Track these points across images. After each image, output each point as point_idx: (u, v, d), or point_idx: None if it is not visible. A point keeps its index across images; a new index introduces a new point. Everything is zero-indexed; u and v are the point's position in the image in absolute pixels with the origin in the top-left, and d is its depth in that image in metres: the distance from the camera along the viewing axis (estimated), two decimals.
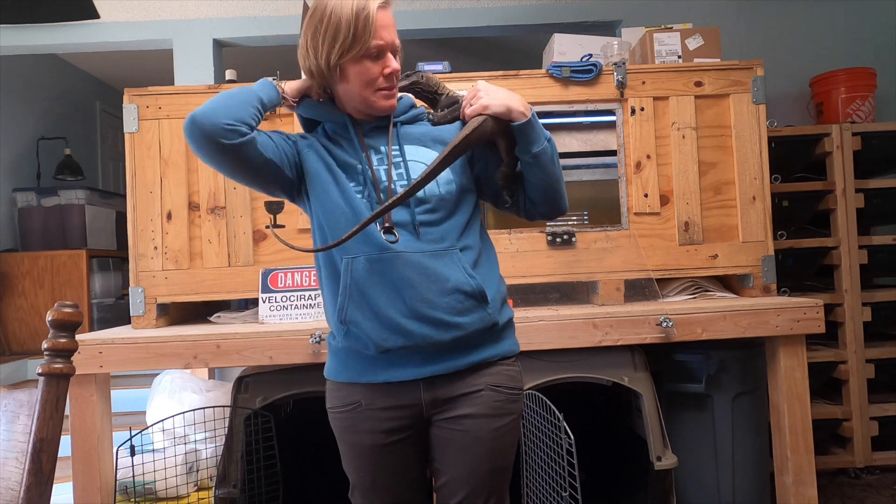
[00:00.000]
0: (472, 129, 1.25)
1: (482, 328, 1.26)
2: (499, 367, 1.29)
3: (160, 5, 3.56)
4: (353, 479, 1.32)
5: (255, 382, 1.99)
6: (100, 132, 5.72)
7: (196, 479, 2.31)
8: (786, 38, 3.48)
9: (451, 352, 1.25)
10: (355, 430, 1.28)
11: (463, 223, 1.29)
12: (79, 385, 1.90)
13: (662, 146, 2.23)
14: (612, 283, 2.18)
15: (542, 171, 1.30)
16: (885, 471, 2.86)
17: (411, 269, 1.22)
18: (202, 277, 2.17)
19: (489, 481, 1.28)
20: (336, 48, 1.22)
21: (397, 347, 1.22)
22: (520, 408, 1.33)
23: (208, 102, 1.20)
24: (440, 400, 1.27)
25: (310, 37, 1.25)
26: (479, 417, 1.26)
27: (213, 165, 1.24)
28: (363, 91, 1.26)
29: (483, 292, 1.25)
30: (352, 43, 1.21)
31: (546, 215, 1.39)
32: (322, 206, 1.28)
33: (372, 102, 1.28)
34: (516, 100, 1.27)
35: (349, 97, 1.29)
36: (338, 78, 1.26)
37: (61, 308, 1.07)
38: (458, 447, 1.27)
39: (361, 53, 1.22)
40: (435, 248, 1.24)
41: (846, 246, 2.85)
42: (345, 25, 1.20)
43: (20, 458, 1.07)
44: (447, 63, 2.29)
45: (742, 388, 2.14)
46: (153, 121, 2.19)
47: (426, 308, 1.21)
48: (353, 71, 1.24)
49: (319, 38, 1.23)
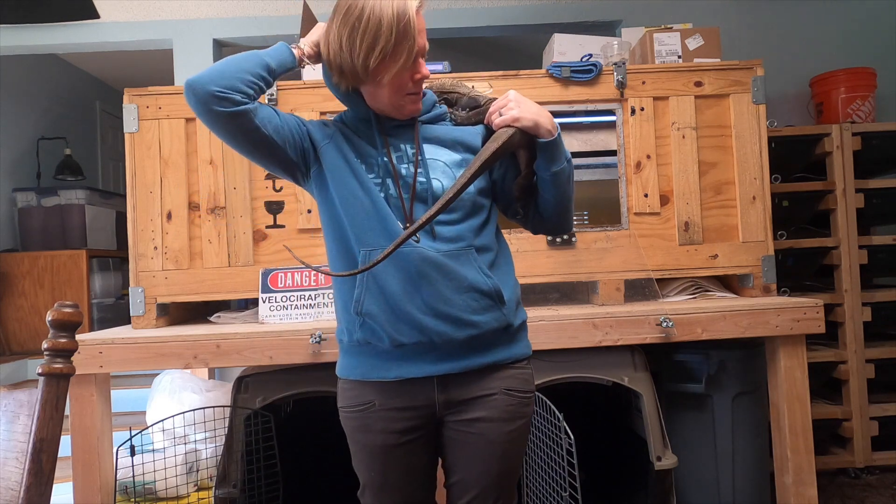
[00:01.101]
0: (502, 142, 1.25)
1: (497, 328, 1.26)
2: (512, 371, 1.30)
3: (160, 5, 3.56)
4: (363, 479, 1.32)
5: (255, 382, 1.99)
6: (100, 132, 5.72)
7: (196, 479, 2.31)
8: (786, 38, 3.48)
9: (465, 351, 1.25)
10: (368, 430, 1.28)
11: (480, 224, 1.29)
12: (79, 385, 1.90)
13: (662, 146, 2.23)
14: (612, 283, 2.18)
15: (557, 189, 1.31)
16: (885, 471, 2.86)
17: (429, 265, 1.22)
18: (202, 277, 2.17)
19: (499, 483, 1.29)
20: (376, 51, 1.17)
21: (412, 343, 1.22)
22: (531, 411, 1.34)
23: (209, 67, 1.20)
24: (454, 401, 1.27)
25: (345, 36, 1.19)
26: (493, 421, 1.26)
27: (213, 132, 1.23)
28: (393, 96, 1.24)
29: (499, 292, 1.26)
30: (394, 48, 1.17)
31: (551, 232, 1.41)
32: (340, 196, 1.26)
33: (401, 107, 1.27)
34: (545, 116, 1.27)
35: (376, 98, 1.27)
36: (369, 81, 1.22)
37: (61, 308, 1.07)
38: (471, 449, 1.27)
39: (402, 59, 1.18)
40: (451, 248, 1.24)
41: (846, 246, 2.84)
42: (386, 28, 1.16)
43: (20, 458, 1.07)
44: (447, 63, 2.29)
45: (742, 388, 2.14)
46: (153, 121, 2.19)
47: (443, 305, 1.21)
48: (388, 75, 1.20)
49: (357, 39, 1.17)
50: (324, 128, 1.31)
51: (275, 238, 2.19)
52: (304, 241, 2.18)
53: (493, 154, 1.24)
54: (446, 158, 1.30)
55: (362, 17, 1.17)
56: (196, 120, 2.18)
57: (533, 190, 1.34)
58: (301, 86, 2.19)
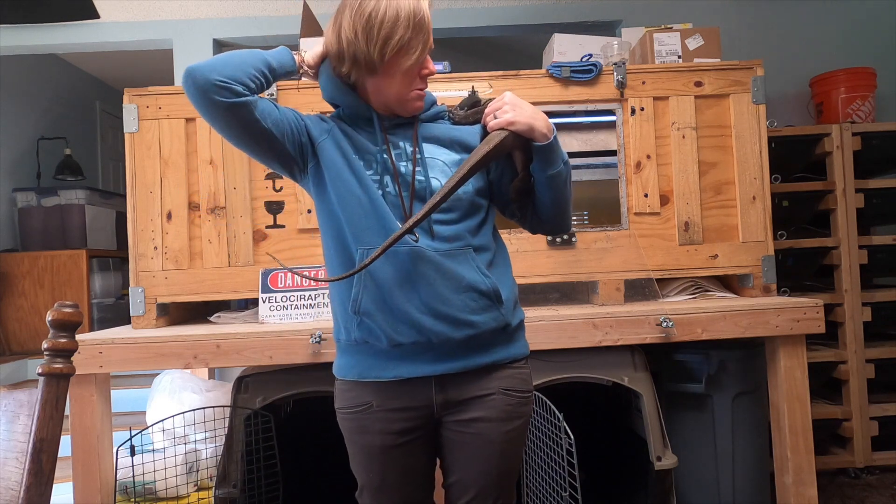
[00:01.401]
0: (493, 145, 1.24)
1: (495, 328, 1.26)
2: (510, 371, 1.29)
3: (160, 5, 3.56)
4: (361, 480, 1.32)
5: (255, 382, 1.99)
6: (100, 132, 5.72)
7: (196, 479, 2.31)
8: (786, 38, 3.48)
9: (463, 351, 1.24)
10: (366, 432, 1.27)
11: (477, 224, 1.29)
12: (79, 385, 1.90)
13: (662, 146, 2.23)
14: (612, 283, 2.18)
15: (554, 192, 1.30)
16: (885, 471, 2.86)
17: (428, 265, 1.22)
18: (202, 277, 2.17)
19: (498, 482, 1.29)
20: (393, 41, 1.19)
21: (410, 342, 1.22)
22: (529, 410, 1.33)
23: (211, 57, 1.20)
24: (452, 402, 1.26)
25: (361, 26, 1.19)
26: (491, 421, 1.26)
27: (210, 123, 1.22)
28: (402, 90, 1.25)
29: (498, 292, 1.25)
30: (409, 40, 1.19)
31: (549, 232, 1.41)
32: (337, 193, 1.26)
33: (406, 102, 1.27)
34: (541, 119, 1.26)
35: (382, 92, 1.27)
36: (381, 71, 1.23)
37: (61, 308, 1.07)
38: (469, 450, 1.27)
39: (416, 53, 1.21)
40: (449, 248, 1.24)
41: (846, 246, 2.84)
42: (404, 20, 1.18)
43: (20, 458, 1.07)
44: (447, 63, 2.29)
45: (742, 388, 2.14)
46: (153, 121, 2.19)
47: (441, 305, 1.21)
48: (400, 69, 1.22)
49: (375, 28, 1.18)
50: (321, 123, 1.31)
51: (275, 238, 2.19)
52: (304, 241, 2.18)
53: (485, 157, 1.24)
54: (445, 157, 1.30)
55: (379, 7, 1.19)
56: (196, 120, 2.19)
57: (529, 192, 1.33)
58: (300, 86, 2.19)
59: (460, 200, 1.26)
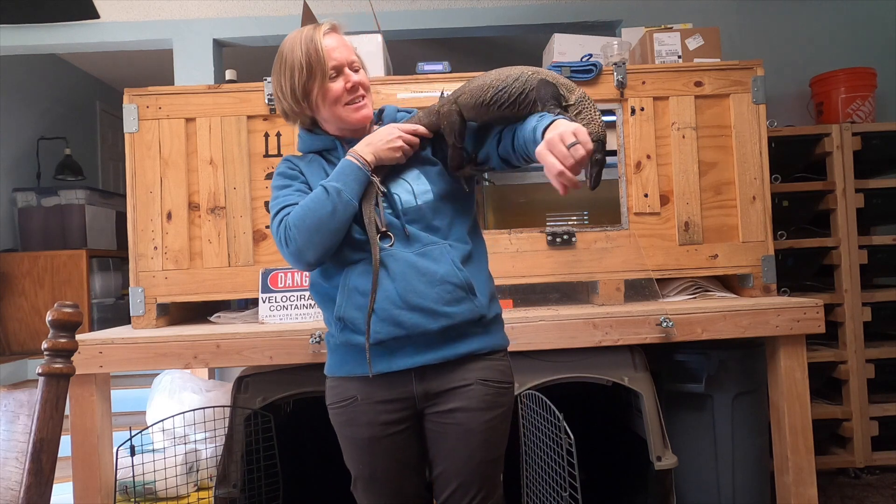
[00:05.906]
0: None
1: (470, 319, 1.32)
2: (488, 362, 1.35)
3: (160, 5, 3.56)
4: (354, 472, 1.38)
5: (255, 382, 1.99)
6: (100, 132, 5.73)
7: (196, 479, 2.31)
8: (786, 38, 3.48)
9: (440, 342, 1.31)
10: (353, 424, 1.34)
11: (447, 224, 1.36)
12: (79, 385, 1.90)
13: (662, 146, 2.23)
14: (612, 283, 2.18)
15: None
16: (885, 471, 2.86)
17: (403, 264, 1.30)
18: (202, 277, 2.17)
19: (481, 471, 1.33)
20: (297, 85, 1.35)
21: (390, 338, 1.28)
22: (510, 401, 1.39)
23: (304, 222, 1.29)
24: (432, 393, 1.33)
25: (276, 84, 1.39)
26: (470, 411, 1.31)
27: None
28: (333, 109, 1.38)
29: (471, 284, 1.32)
30: (308, 76, 1.34)
31: None
32: None
33: (345, 117, 1.38)
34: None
35: (327, 120, 1.41)
36: (312, 107, 1.39)
37: (61, 308, 1.07)
38: (451, 439, 1.32)
39: (321, 79, 1.34)
40: (423, 249, 1.31)
41: (846, 246, 2.84)
42: (297, 65, 1.34)
43: (20, 458, 1.07)
44: (447, 63, 2.29)
45: (742, 388, 2.14)
46: (153, 121, 2.19)
47: (416, 297, 1.28)
48: (320, 96, 1.36)
49: (284, 80, 1.37)
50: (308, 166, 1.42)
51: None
52: None
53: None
54: (402, 172, 1.38)
55: (282, 61, 1.38)
56: (196, 120, 2.19)
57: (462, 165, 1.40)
58: None
59: (423, 209, 1.34)
